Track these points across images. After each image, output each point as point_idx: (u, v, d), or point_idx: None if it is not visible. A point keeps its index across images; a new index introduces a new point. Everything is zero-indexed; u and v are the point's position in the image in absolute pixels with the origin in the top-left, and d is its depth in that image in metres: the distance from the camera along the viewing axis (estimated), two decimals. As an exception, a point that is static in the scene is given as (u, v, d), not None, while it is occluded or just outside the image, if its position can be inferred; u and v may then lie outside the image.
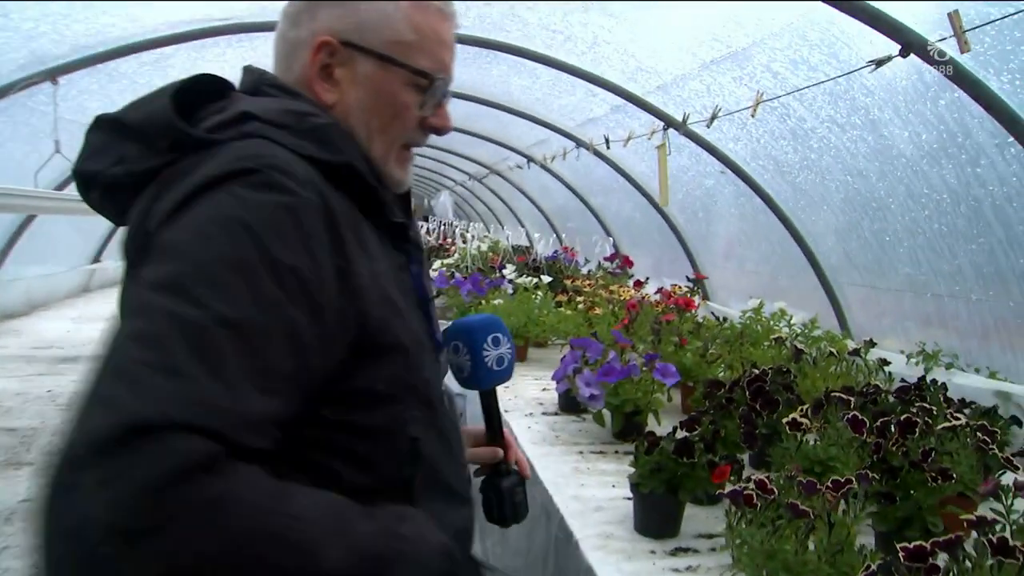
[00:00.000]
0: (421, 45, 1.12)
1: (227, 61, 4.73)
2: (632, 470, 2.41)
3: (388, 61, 1.11)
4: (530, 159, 7.61)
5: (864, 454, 2.38)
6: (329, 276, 0.92)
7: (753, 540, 1.82)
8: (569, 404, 3.59)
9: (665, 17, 3.43)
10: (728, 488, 1.99)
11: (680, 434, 2.53)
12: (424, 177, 16.04)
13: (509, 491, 1.42)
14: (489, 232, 12.69)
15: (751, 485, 1.96)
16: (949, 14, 2.26)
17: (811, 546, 1.81)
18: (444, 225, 11.71)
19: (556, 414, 3.63)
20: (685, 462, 2.31)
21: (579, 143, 5.89)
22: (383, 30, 1.11)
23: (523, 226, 11.20)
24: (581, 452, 3.09)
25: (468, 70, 4.81)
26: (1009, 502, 2.01)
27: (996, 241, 3.11)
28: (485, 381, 1.46)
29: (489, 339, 1.44)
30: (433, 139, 1.59)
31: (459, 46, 3.65)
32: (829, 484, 1.96)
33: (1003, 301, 3.28)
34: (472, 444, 1.49)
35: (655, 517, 2.35)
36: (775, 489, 1.99)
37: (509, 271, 6.39)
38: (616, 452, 3.07)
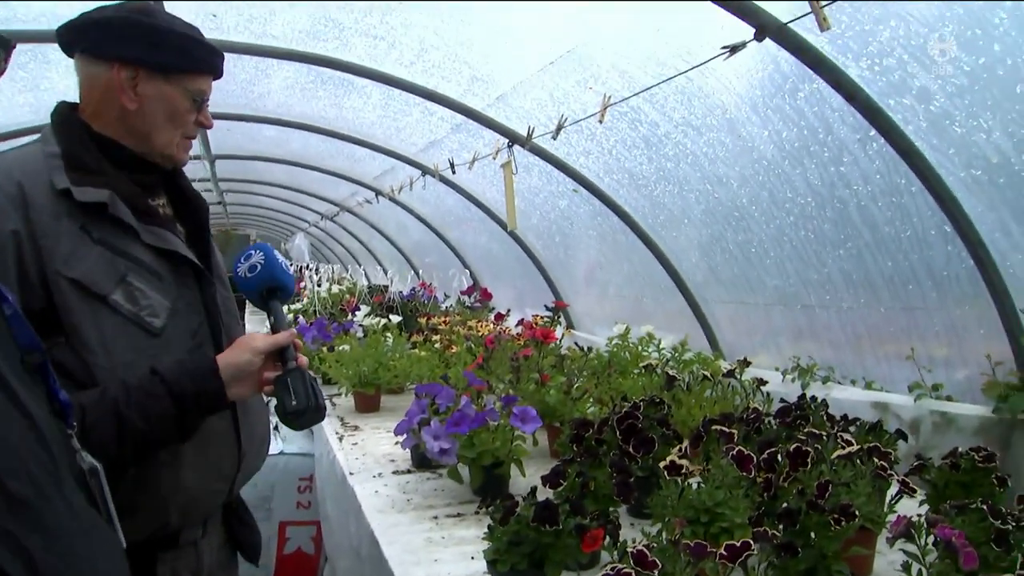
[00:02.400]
0: None
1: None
2: (494, 538, 2.03)
3: None
4: (378, 192, 7.23)
5: (754, 494, 2.11)
6: None
7: (637, 635, 1.43)
8: (423, 460, 3.20)
9: (495, 10, 3.06)
10: (603, 562, 1.64)
11: (542, 493, 2.18)
12: (276, 220, 15.38)
13: (299, 371, 1.60)
14: (347, 272, 12.22)
15: (628, 563, 1.58)
16: (803, -16, 1.99)
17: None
18: (300, 269, 11.16)
19: (409, 472, 3.24)
20: (549, 530, 1.94)
21: (424, 170, 5.53)
22: None
23: (381, 266, 10.82)
24: (436, 517, 2.71)
25: (292, 97, 4.35)
26: (924, 542, 1.78)
27: (863, 245, 2.93)
28: (242, 287, 1.75)
29: (241, 257, 1.76)
30: (281, 177, 2.01)
31: (275, 62, 3.10)
32: (723, 551, 1.61)
33: (874, 307, 3.14)
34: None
35: (519, 600, 1.95)
36: (657, 560, 1.63)
37: (363, 313, 5.96)
38: (477, 513, 2.70)
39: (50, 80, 4.01)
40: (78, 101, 1.67)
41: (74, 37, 1.63)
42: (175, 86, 1.65)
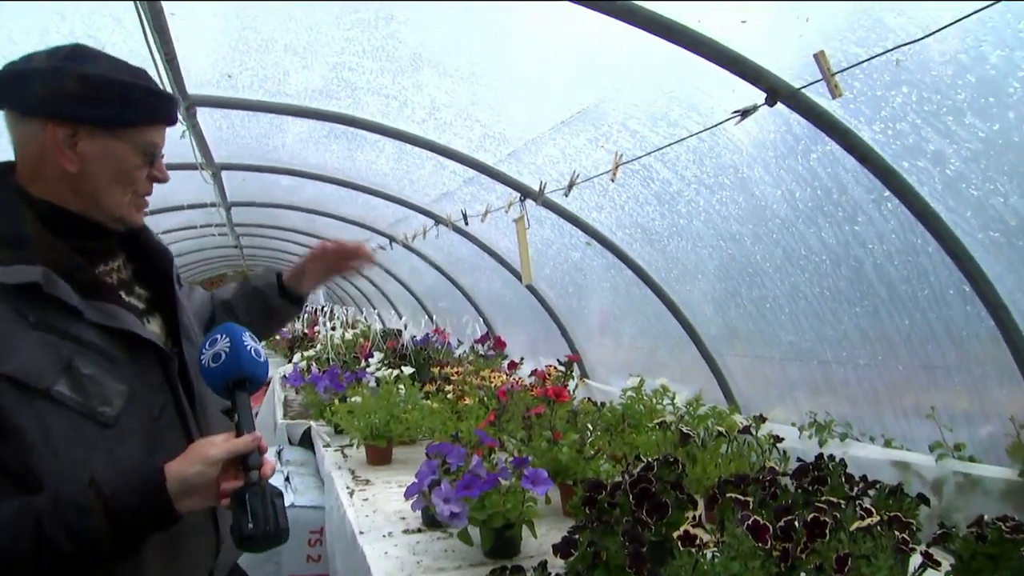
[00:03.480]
0: None
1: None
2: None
3: None
4: (392, 239, 7.27)
5: (770, 565, 2.05)
6: None
7: None
8: (433, 519, 3.16)
9: (506, 72, 3.08)
10: None
11: (553, 563, 2.13)
12: (292, 262, 15.44)
13: (259, 486, 1.39)
14: (362, 315, 12.24)
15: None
16: (815, 55, 1.98)
17: None
18: (315, 310, 11.17)
19: (419, 531, 3.18)
20: (560, 607, 1.90)
21: (437, 219, 5.55)
22: None
23: (395, 309, 10.82)
24: (446, 581, 2.65)
25: (307, 149, 4.40)
26: None
27: (880, 302, 2.89)
28: (206, 377, 1.54)
29: (207, 343, 1.54)
30: (299, 223, 1.77)
31: (290, 118, 3.13)
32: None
33: (892, 365, 3.09)
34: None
35: None
36: (672, 645, 1.58)
37: (376, 360, 5.94)
38: (488, 576, 2.63)
39: None
40: (12, 160, 1.50)
41: (11, 96, 1.43)
42: (121, 141, 1.47)
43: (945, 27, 1.66)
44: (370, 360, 6.01)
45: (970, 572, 2.09)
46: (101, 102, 1.42)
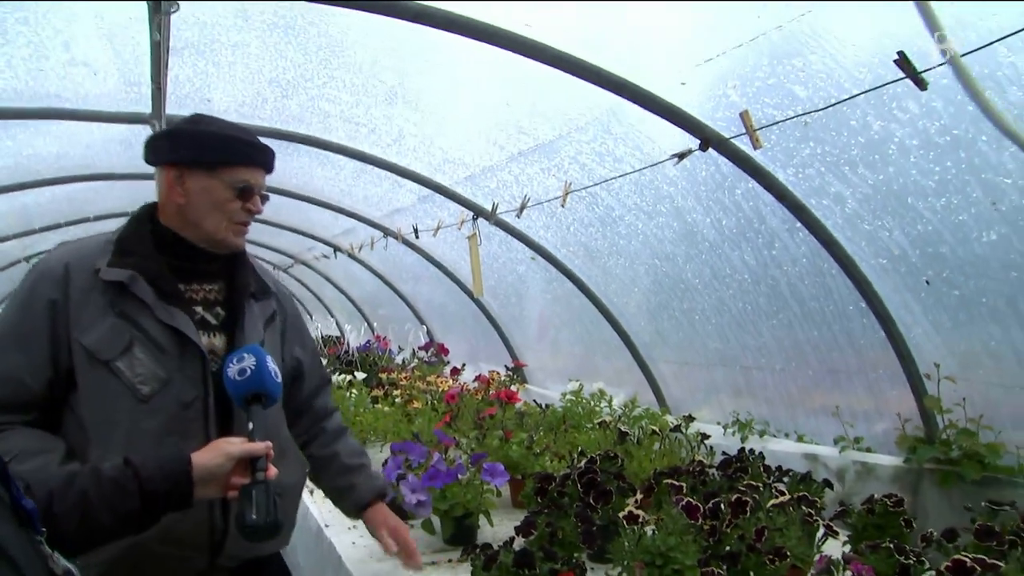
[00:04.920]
0: None
1: None
2: (468, 579, 2.28)
3: None
4: (337, 248, 7.40)
5: (701, 539, 2.39)
6: None
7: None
8: (395, 511, 3.39)
9: (471, 112, 3.43)
10: None
11: (518, 542, 2.44)
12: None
13: (265, 485, 1.57)
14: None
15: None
16: (741, 114, 2.40)
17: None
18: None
19: (382, 523, 3.44)
20: (526, 574, 2.21)
21: (387, 232, 5.78)
22: None
23: (333, 316, 10.83)
24: (413, 566, 2.92)
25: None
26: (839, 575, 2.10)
27: (793, 316, 3.31)
28: (230, 388, 1.72)
29: (234, 358, 1.74)
30: None
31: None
32: (678, 588, 1.91)
33: (803, 370, 3.50)
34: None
35: (501, 638, 2.20)
36: (623, 597, 1.93)
37: (320, 366, 6.09)
38: (449, 561, 2.92)
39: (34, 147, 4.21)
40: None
41: (146, 151, 1.91)
42: (215, 179, 1.83)
43: (840, 102, 2.09)
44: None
45: (861, 539, 2.51)
46: (202, 150, 1.84)
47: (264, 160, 1.92)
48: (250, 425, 1.66)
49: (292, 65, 3.02)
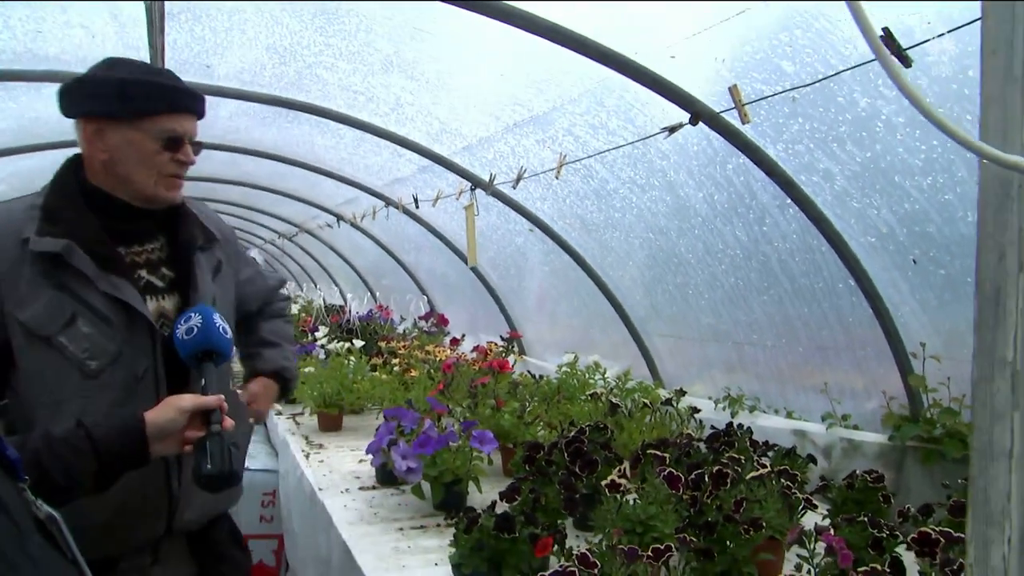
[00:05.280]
0: None
1: None
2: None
3: None
4: (340, 217, 7.44)
5: (682, 509, 2.44)
6: None
7: (580, 620, 1.77)
8: (387, 477, 3.48)
9: (467, 82, 3.44)
10: (551, 567, 1.97)
11: (500, 506, 2.49)
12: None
13: (219, 436, 1.57)
14: (302, 291, 12.29)
15: (573, 562, 1.92)
16: (730, 88, 2.41)
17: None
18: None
19: (374, 488, 3.52)
20: (506, 538, 2.27)
21: (388, 202, 5.81)
22: None
23: (336, 285, 10.91)
24: (401, 529, 3.00)
25: (269, 130, 4.63)
26: (812, 546, 2.14)
27: (784, 292, 3.33)
28: (179, 348, 1.69)
29: (182, 319, 1.71)
30: (239, 197, 1.73)
31: (257, 106, 3.43)
32: (650, 552, 1.96)
33: (793, 347, 3.53)
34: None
35: (480, 599, 2.26)
36: (597, 562, 1.98)
37: (322, 334, 6.18)
38: (438, 526, 2.99)
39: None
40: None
41: (60, 103, 1.74)
42: (138, 130, 1.69)
43: (826, 78, 2.10)
44: (316, 334, 6.27)
45: (840, 513, 2.55)
46: (121, 99, 1.68)
47: (191, 105, 1.78)
48: (203, 381, 1.66)
49: (288, 32, 3.02)
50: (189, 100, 1.77)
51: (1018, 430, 0.65)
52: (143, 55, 3.14)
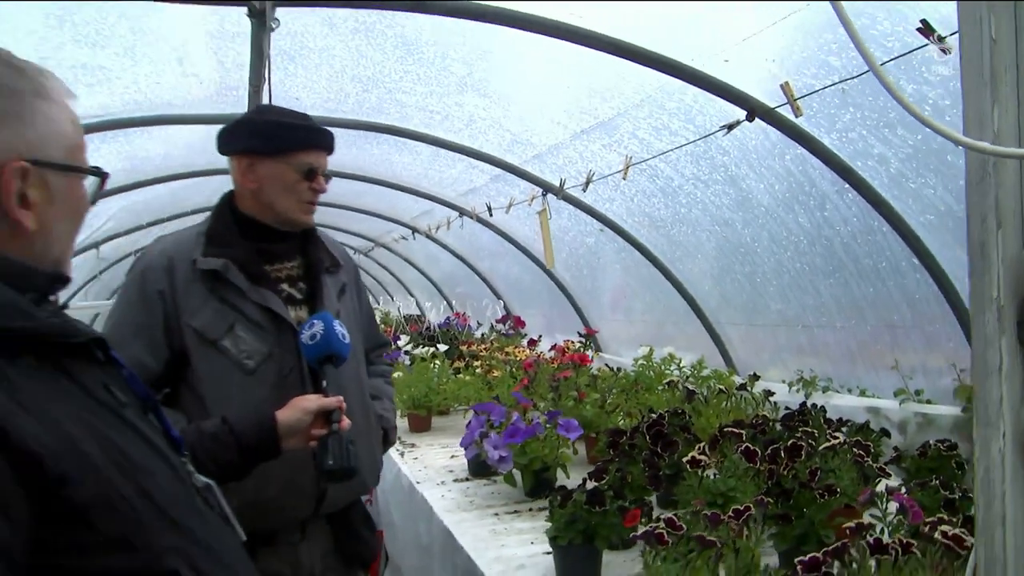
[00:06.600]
0: (81, 143, 1.12)
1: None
2: (548, 525, 2.53)
3: (74, 170, 1.09)
4: (415, 230, 7.71)
5: (760, 481, 2.59)
6: None
7: (669, 574, 1.96)
8: (479, 469, 3.69)
9: (534, 95, 3.69)
10: (641, 530, 2.15)
11: (590, 485, 2.69)
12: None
13: (339, 434, 1.77)
14: (379, 304, 12.65)
15: (661, 524, 2.11)
16: (781, 85, 2.59)
17: (722, 572, 1.97)
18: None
19: (467, 479, 3.74)
20: (598, 511, 2.45)
21: (462, 212, 6.06)
22: (60, 139, 1.06)
23: (412, 295, 11.21)
24: (496, 514, 3.20)
25: (349, 151, 4.94)
26: (884, 506, 2.27)
27: (849, 274, 3.45)
28: (304, 352, 1.93)
29: (306, 325, 1.93)
30: (316, 217, 1.98)
31: (340, 130, 3.77)
32: (731, 513, 2.14)
33: (862, 327, 3.63)
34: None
35: (576, 567, 2.46)
36: (683, 525, 2.16)
37: (404, 342, 6.44)
38: (530, 510, 3.19)
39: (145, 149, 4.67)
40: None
41: (219, 143, 2.08)
42: (282, 164, 1.99)
43: (869, 71, 2.25)
44: (398, 343, 6.56)
45: (914, 479, 2.66)
46: (269, 138, 2.01)
47: (325, 142, 2.08)
48: (324, 383, 1.89)
49: (371, 63, 3.32)
50: (323, 138, 2.08)
51: (1005, 350, 0.85)
52: (242, 94, 3.47)
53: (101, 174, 1.15)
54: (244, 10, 2.38)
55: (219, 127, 2.08)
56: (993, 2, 0.81)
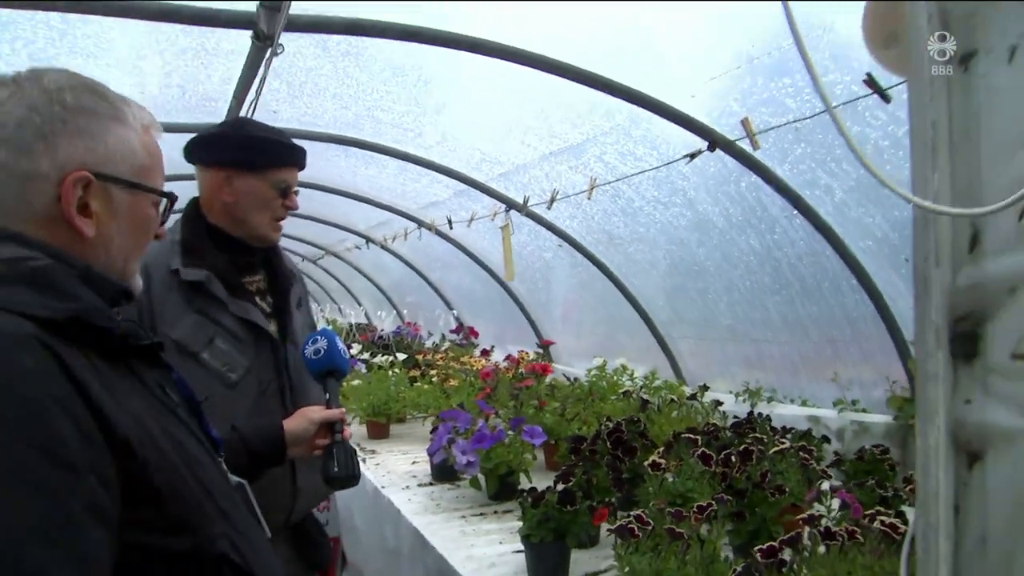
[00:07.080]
0: (154, 166, 1.21)
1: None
2: (515, 525, 2.69)
3: (138, 188, 1.17)
4: (369, 239, 7.73)
5: (715, 483, 2.80)
6: (75, 436, 0.93)
7: (640, 564, 2.16)
8: (442, 474, 3.82)
9: (508, 119, 3.88)
10: (615, 524, 2.34)
11: (559, 487, 2.86)
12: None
13: (342, 444, 1.88)
14: (325, 312, 12.55)
15: (632, 520, 2.31)
16: (741, 120, 2.85)
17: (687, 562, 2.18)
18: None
19: (431, 484, 3.86)
20: (569, 510, 2.62)
21: (421, 224, 6.16)
22: (128, 158, 1.15)
23: (360, 304, 11.17)
24: (463, 516, 3.34)
25: (316, 163, 5.00)
26: (828, 503, 2.50)
27: (795, 293, 3.71)
28: (308, 365, 1.98)
29: (309, 340, 1.99)
30: None
31: (309, 143, 3.88)
32: (694, 509, 2.35)
33: (805, 342, 3.88)
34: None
35: (548, 564, 2.63)
36: (651, 520, 2.36)
37: (356, 350, 6.49)
38: (496, 512, 3.35)
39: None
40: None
41: (189, 152, 2.05)
42: (261, 180, 1.98)
43: (823, 112, 2.52)
44: (351, 352, 6.60)
45: (852, 479, 2.92)
46: (248, 152, 2.00)
47: (300, 160, 2.08)
48: (327, 396, 1.94)
49: (355, 83, 3.45)
50: (299, 156, 2.09)
51: (941, 362, 1.03)
52: (222, 106, 3.57)
53: (168, 195, 1.24)
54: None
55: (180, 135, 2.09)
56: (936, 101, 1.04)
